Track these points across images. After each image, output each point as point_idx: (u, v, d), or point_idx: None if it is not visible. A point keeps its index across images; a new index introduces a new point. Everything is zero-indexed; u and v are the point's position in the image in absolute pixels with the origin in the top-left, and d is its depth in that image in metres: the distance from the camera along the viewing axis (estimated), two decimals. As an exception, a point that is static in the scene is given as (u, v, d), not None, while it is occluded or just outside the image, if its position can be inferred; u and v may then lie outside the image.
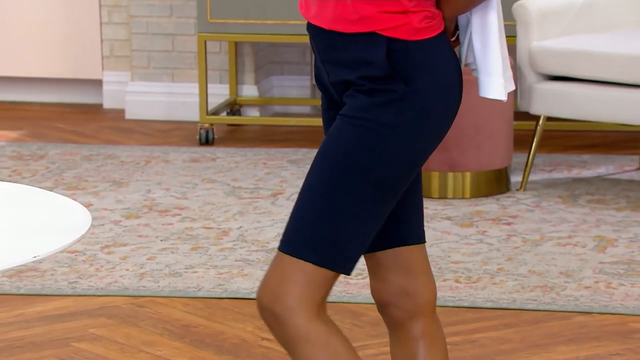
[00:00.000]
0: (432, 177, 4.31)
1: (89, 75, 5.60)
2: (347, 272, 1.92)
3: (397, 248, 2.02)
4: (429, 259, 3.71)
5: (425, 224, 4.04)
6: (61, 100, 5.68)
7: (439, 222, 4.07)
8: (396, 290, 2.03)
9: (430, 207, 4.21)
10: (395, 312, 2.04)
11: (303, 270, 1.88)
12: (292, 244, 1.90)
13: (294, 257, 1.89)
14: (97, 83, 5.63)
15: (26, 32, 5.56)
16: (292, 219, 1.91)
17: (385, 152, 1.87)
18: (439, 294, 3.44)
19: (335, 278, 1.92)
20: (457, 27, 1.97)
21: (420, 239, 2.05)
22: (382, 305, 2.06)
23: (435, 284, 2.07)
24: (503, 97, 1.95)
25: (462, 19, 1.96)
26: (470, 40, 1.96)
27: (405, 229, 2.02)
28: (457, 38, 1.97)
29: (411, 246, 2.02)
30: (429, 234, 3.95)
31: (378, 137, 1.87)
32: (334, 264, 1.89)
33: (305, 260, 1.88)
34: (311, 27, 1.95)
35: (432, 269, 3.63)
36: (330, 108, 2.01)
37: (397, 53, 1.87)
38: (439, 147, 4.25)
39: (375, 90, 1.87)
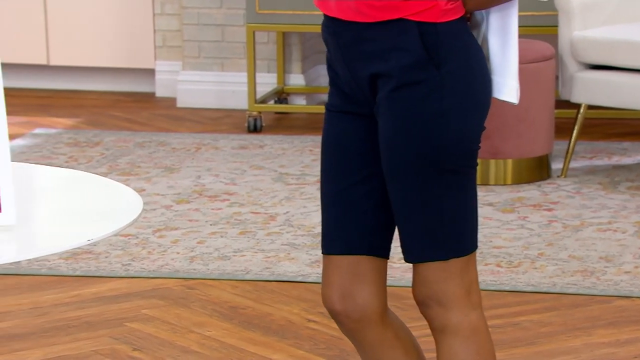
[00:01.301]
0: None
1: (142, 64, 5.68)
2: (474, 249, 1.92)
3: (359, 256, 1.97)
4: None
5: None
6: (116, 89, 5.76)
7: (481, 208, 4.10)
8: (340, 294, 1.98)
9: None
10: (344, 319, 2.00)
11: (436, 270, 1.89)
12: (412, 251, 1.90)
13: (420, 262, 1.90)
14: (150, 72, 5.72)
15: (83, 23, 5.66)
16: (401, 230, 1.91)
17: (442, 140, 1.86)
18: (480, 279, 3.49)
19: (471, 261, 1.92)
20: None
21: (385, 253, 1.99)
22: (333, 314, 2.01)
23: (385, 295, 2.01)
24: (515, 100, 1.94)
25: (476, 15, 1.93)
26: (484, 40, 1.93)
27: (374, 239, 1.97)
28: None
29: (373, 257, 1.97)
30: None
31: (431, 129, 1.85)
32: (458, 252, 1.90)
33: (431, 261, 1.89)
34: (331, 24, 1.90)
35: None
36: (344, 112, 1.94)
37: (428, 37, 1.83)
38: (483, 136, 4.31)
39: (411, 84, 1.85)
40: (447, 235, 1.90)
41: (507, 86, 1.93)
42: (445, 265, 1.91)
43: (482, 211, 4.08)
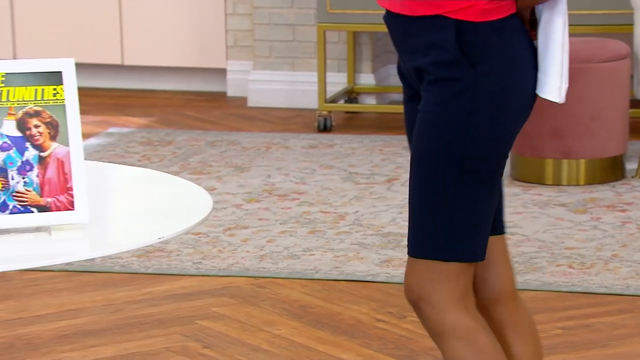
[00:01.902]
0: (546, 164, 4.32)
1: (214, 64, 5.73)
2: (477, 259, 1.92)
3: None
4: (543, 245, 3.75)
5: (540, 210, 4.07)
6: (188, 89, 5.82)
7: (553, 208, 4.08)
8: (476, 278, 2.01)
9: (544, 194, 4.22)
10: (476, 299, 2.01)
11: (433, 269, 1.90)
12: (414, 245, 1.92)
13: (421, 258, 1.91)
14: (222, 72, 5.77)
15: (156, 24, 5.73)
16: (409, 222, 1.93)
17: (468, 140, 1.86)
18: (551, 280, 3.47)
19: (470, 268, 1.92)
20: (535, 21, 1.92)
21: (501, 229, 2.04)
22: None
23: (513, 272, 2.06)
24: (557, 99, 1.91)
25: (536, 12, 1.90)
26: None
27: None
28: (536, 31, 1.92)
29: (492, 236, 1.99)
30: (542, 220, 3.97)
31: (458, 127, 1.86)
32: (460, 256, 1.90)
33: (432, 259, 1.90)
34: (387, 16, 1.93)
35: (545, 254, 3.67)
36: (411, 100, 1.99)
37: (465, 35, 1.83)
38: (552, 135, 4.28)
39: (446, 80, 1.85)
40: (453, 236, 1.89)
41: (549, 84, 1.90)
42: (443, 267, 1.90)
43: (554, 211, 4.05)
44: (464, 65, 1.85)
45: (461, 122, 1.86)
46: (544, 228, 3.89)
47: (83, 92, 5.43)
